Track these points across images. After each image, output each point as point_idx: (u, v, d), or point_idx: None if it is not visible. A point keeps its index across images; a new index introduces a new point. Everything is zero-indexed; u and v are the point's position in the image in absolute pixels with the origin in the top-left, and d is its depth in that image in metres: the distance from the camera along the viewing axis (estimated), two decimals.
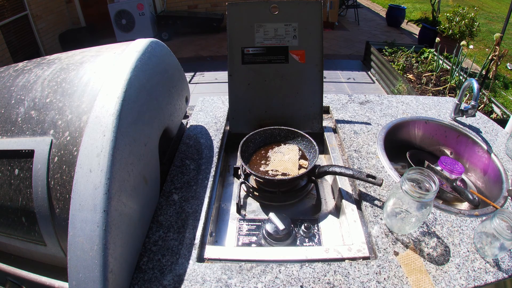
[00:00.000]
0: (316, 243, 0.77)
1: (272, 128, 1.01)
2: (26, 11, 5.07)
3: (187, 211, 0.77)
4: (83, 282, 0.53)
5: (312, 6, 0.97)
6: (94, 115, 0.60)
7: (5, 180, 0.65)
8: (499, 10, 7.98)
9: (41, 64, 0.77)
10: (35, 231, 0.64)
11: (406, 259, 0.66)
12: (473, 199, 0.85)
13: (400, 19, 6.75)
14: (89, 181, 0.55)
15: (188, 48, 5.63)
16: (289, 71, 1.02)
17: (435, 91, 3.35)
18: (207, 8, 6.43)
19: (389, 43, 4.61)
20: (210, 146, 0.99)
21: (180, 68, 0.95)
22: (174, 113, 0.91)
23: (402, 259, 0.66)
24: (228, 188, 0.96)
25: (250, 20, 0.98)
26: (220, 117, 1.14)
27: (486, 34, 6.11)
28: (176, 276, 0.63)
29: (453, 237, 0.71)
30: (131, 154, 0.63)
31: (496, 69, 3.15)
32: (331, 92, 3.18)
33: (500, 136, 1.07)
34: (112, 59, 0.72)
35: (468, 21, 4.37)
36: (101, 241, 0.53)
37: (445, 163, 0.92)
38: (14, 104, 0.70)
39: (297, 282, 0.62)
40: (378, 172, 0.89)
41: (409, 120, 1.12)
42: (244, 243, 0.78)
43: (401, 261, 0.65)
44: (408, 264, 0.65)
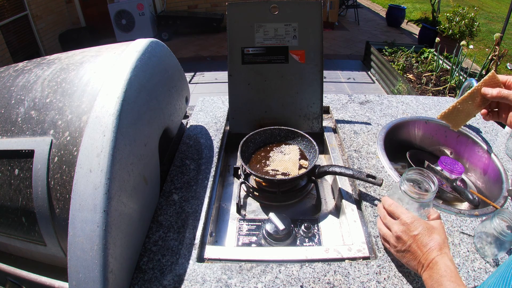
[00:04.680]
0: (316, 243, 0.77)
1: (272, 128, 1.01)
2: (26, 11, 5.07)
3: (187, 211, 0.77)
4: (83, 282, 0.53)
5: (312, 6, 0.97)
6: (94, 115, 0.60)
7: (5, 180, 0.65)
8: (499, 10, 7.98)
9: (41, 64, 0.77)
10: (35, 231, 0.64)
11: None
12: (473, 199, 0.85)
13: (400, 19, 6.76)
14: (89, 181, 0.55)
15: (188, 48, 5.63)
16: (289, 71, 1.02)
17: (435, 91, 3.36)
18: (207, 8, 6.43)
19: (389, 43, 4.61)
20: (210, 146, 0.99)
21: (180, 68, 0.95)
22: (174, 113, 0.91)
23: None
24: (228, 188, 0.96)
25: (250, 20, 0.98)
26: (220, 117, 1.14)
27: (486, 34, 6.12)
28: (176, 276, 0.63)
29: (453, 237, 0.71)
30: (131, 154, 0.63)
31: (496, 69, 3.15)
32: (331, 92, 3.18)
33: (500, 136, 1.07)
34: (112, 59, 0.72)
35: (468, 21, 4.38)
36: (101, 241, 0.53)
37: (445, 163, 0.92)
38: (14, 104, 0.70)
39: (297, 282, 0.62)
40: (378, 172, 0.89)
41: (409, 120, 1.12)
42: (244, 243, 0.78)
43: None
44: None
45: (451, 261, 0.53)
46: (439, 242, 0.56)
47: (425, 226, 0.58)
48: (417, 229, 0.57)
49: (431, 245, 0.55)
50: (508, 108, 0.68)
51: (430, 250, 0.55)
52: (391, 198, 0.65)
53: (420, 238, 0.57)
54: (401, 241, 0.59)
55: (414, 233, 0.57)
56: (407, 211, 0.61)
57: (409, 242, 0.57)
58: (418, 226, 0.57)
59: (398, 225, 0.60)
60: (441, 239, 0.56)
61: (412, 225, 0.58)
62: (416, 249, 0.57)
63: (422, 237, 0.57)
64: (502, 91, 0.65)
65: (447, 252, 0.55)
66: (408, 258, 0.58)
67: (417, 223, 0.58)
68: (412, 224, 0.58)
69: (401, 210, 0.61)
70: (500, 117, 0.70)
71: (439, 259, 0.54)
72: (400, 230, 0.59)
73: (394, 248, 0.61)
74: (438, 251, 0.55)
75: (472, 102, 0.70)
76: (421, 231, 0.57)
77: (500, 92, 0.65)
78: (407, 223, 0.58)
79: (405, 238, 0.58)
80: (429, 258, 0.55)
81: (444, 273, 0.52)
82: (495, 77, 0.67)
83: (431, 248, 0.55)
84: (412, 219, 0.58)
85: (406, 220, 0.59)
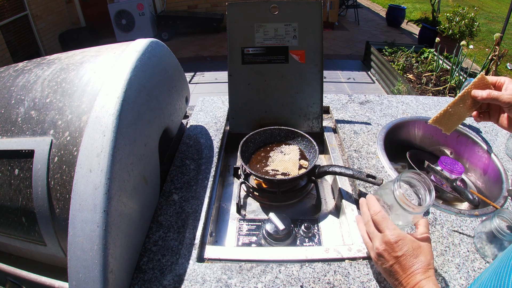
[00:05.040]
0: (316, 243, 0.77)
1: (272, 128, 1.01)
2: (26, 11, 5.07)
3: (187, 211, 0.77)
4: (83, 282, 0.53)
5: (312, 6, 0.97)
6: (94, 115, 0.60)
7: (5, 180, 0.65)
8: (499, 10, 7.98)
9: (41, 64, 0.77)
10: (35, 231, 0.64)
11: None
12: (473, 199, 0.85)
13: (400, 19, 6.76)
14: (89, 181, 0.55)
15: (188, 48, 5.63)
16: (289, 71, 1.02)
17: (435, 91, 3.36)
18: (207, 8, 6.43)
19: (389, 43, 4.61)
20: (210, 146, 0.99)
21: (180, 68, 0.95)
22: (174, 113, 0.91)
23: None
24: (228, 188, 0.96)
25: (250, 20, 0.98)
26: (220, 117, 1.14)
27: (486, 34, 6.12)
28: (176, 276, 0.63)
29: (453, 237, 0.71)
30: (131, 154, 0.63)
31: (496, 69, 3.15)
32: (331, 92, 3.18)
33: (500, 136, 1.07)
34: (112, 59, 0.72)
35: (468, 21, 4.38)
36: (101, 241, 0.53)
37: (445, 163, 0.92)
38: (14, 104, 0.70)
39: (297, 282, 0.62)
40: (378, 172, 0.89)
41: (409, 120, 1.12)
42: (244, 243, 0.78)
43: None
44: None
45: (436, 286, 0.50)
46: (424, 265, 0.52)
47: (410, 246, 0.53)
48: (402, 250, 0.53)
49: (416, 267, 0.52)
50: (499, 109, 0.68)
51: (414, 274, 0.51)
52: (379, 196, 0.61)
53: (404, 260, 0.53)
54: (382, 259, 0.55)
55: (398, 254, 0.53)
56: (394, 226, 0.56)
57: (391, 262, 0.54)
58: (403, 247, 0.53)
59: (381, 242, 0.55)
60: (426, 260, 0.53)
61: (396, 246, 0.53)
62: (398, 270, 0.53)
63: (406, 258, 0.53)
64: (492, 93, 0.65)
65: (431, 275, 0.52)
66: (388, 275, 0.55)
67: (402, 243, 0.53)
68: (396, 244, 0.53)
69: (387, 224, 0.56)
70: (492, 118, 0.70)
71: (423, 285, 0.50)
72: (383, 249, 0.55)
73: (373, 260, 0.58)
74: (422, 274, 0.51)
75: (463, 105, 0.70)
76: (406, 252, 0.53)
77: (490, 94, 0.65)
78: (391, 242, 0.54)
79: (387, 257, 0.54)
80: (412, 282, 0.51)
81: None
82: (484, 79, 0.67)
83: (414, 271, 0.52)
84: (397, 238, 0.54)
85: (390, 238, 0.54)
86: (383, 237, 0.55)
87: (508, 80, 0.66)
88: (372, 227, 0.58)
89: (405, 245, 0.53)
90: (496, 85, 0.67)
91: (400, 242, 0.53)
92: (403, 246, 0.53)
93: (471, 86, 0.68)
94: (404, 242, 0.54)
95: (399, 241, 0.54)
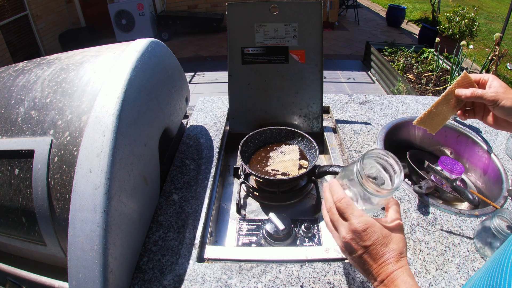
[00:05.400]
0: (316, 243, 0.77)
1: (272, 128, 1.01)
2: (26, 11, 5.07)
3: (187, 211, 0.77)
4: (83, 282, 0.53)
5: (312, 6, 0.97)
6: (94, 115, 0.60)
7: (5, 180, 0.65)
8: (499, 10, 7.98)
9: (41, 64, 0.77)
10: (35, 231, 0.64)
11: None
12: (473, 199, 0.85)
13: (400, 19, 6.76)
14: (89, 181, 0.55)
15: (188, 48, 5.63)
16: (289, 71, 1.02)
17: (435, 91, 3.36)
18: (207, 8, 6.43)
19: (389, 43, 4.61)
20: (210, 146, 0.99)
21: (180, 68, 0.95)
22: (174, 113, 0.91)
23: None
24: (228, 188, 0.96)
25: (250, 20, 0.98)
26: (220, 117, 1.14)
27: (486, 34, 6.12)
28: (176, 276, 0.63)
29: (453, 237, 0.71)
30: (131, 154, 0.63)
31: (496, 69, 3.15)
32: (331, 92, 3.18)
33: (500, 136, 1.07)
34: (112, 59, 0.72)
35: (468, 21, 4.38)
36: (101, 241, 0.53)
37: (445, 163, 0.92)
38: (14, 104, 0.70)
39: (297, 282, 0.62)
40: None
41: (409, 120, 1.12)
42: (244, 243, 0.78)
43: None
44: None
45: (410, 277, 0.46)
46: (395, 254, 0.48)
47: (380, 234, 0.49)
48: (371, 238, 0.48)
49: (386, 257, 0.48)
50: (484, 106, 0.67)
51: (385, 264, 0.47)
52: (342, 180, 0.56)
53: (373, 249, 0.48)
54: (350, 249, 0.50)
55: (367, 243, 0.48)
56: (360, 212, 0.50)
57: (360, 252, 0.49)
58: (371, 235, 0.48)
59: (347, 230, 0.50)
60: (398, 248, 0.48)
61: (364, 234, 0.48)
62: (368, 260, 0.49)
63: (376, 248, 0.48)
64: (475, 91, 0.64)
65: (404, 264, 0.48)
66: (358, 266, 0.51)
67: (371, 232, 0.49)
68: (364, 232, 0.48)
69: (352, 211, 0.51)
70: (477, 115, 0.69)
71: (397, 276, 0.46)
72: (350, 238, 0.50)
73: (341, 250, 0.53)
74: (394, 263, 0.47)
75: (447, 105, 0.69)
76: (375, 241, 0.48)
77: (473, 92, 0.64)
78: (359, 231, 0.49)
79: (356, 247, 0.49)
80: (384, 273, 0.47)
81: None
82: (467, 78, 0.67)
83: (385, 261, 0.47)
84: (364, 225, 0.49)
85: (357, 227, 0.49)
86: (350, 226, 0.50)
87: (492, 77, 0.65)
88: (336, 215, 0.53)
89: (374, 233, 0.49)
90: (480, 82, 0.66)
91: (368, 230, 0.49)
92: (372, 234, 0.48)
93: (454, 85, 0.67)
94: (373, 230, 0.49)
95: (367, 229, 0.49)
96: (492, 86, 0.64)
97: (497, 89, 0.63)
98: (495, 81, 0.64)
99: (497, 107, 0.63)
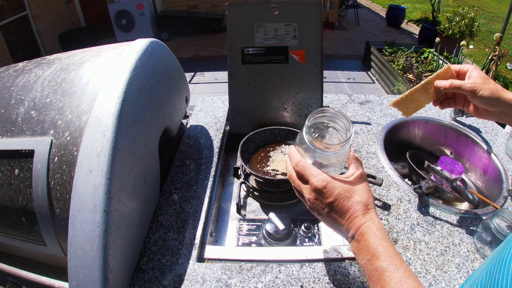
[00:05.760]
0: (316, 243, 0.77)
1: (272, 128, 1.01)
2: (26, 11, 5.07)
3: (187, 211, 0.77)
4: (83, 282, 0.53)
5: (312, 6, 0.97)
6: (94, 115, 0.60)
7: (5, 180, 0.65)
8: (499, 10, 7.98)
9: (41, 64, 0.77)
10: (35, 231, 0.64)
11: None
12: (473, 199, 0.85)
13: (400, 19, 6.76)
14: (89, 181, 0.55)
15: (188, 48, 5.63)
16: (289, 71, 1.02)
17: None
18: (207, 8, 6.43)
19: (389, 43, 4.61)
20: (210, 146, 0.99)
21: (180, 68, 0.95)
22: (174, 113, 0.91)
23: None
24: (228, 188, 0.96)
25: (250, 20, 0.98)
26: (220, 117, 1.14)
27: (486, 34, 6.12)
28: (176, 276, 0.63)
29: (453, 237, 0.71)
30: (131, 154, 0.63)
31: (496, 69, 3.15)
32: (331, 92, 3.18)
33: (500, 136, 1.07)
34: (112, 59, 0.72)
35: (468, 21, 4.38)
36: (101, 241, 0.53)
37: (445, 163, 0.92)
38: (14, 104, 0.70)
39: (297, 282, 0.62)
40: (378, 172, 0.89)
41: (409, 120, 1.12)
42: (244, 243, 0.78)
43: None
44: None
45: (380, 229, 0.46)
46: (361, 206, 0.47)
47: (341, 189, 0.48)
48: (332, 194, 0.48)
49: (352, 210, 0.47)
50: (464, 96, 0.67)
51: (352, 217, 0.47)
52: (298, 147, 0.55)
53: (337, 205, 0.48)
54: (316, 209, 0.50)
55: (329, 200, 0.48)
56: (317, 171, 0.50)
57: (326, 210, 0.49)
58: (333, 191, 0.48)
59: (309, 191, 0.50)
60: (362, 200, 0.48)
61: (326, 191, 0.48)
62: (335, 217, 0.48)
63: (339, 203, 0.48)
64: (454, 82, 0.64)
65: (373, 217, 0.47)
66: (330, 225, 0.51)
67: (331, 187, 0.48)
68: (325, 189, 0.48)
69: (310, 171, 0.50)
70: (458, 104, 0.70)
71: (365, 229, 0.46)
72: (313, 198, 0.49)
73: (312, 213, 0.53)
74: (362, 216, 0.47)
75: (425, 93, 0.69)
76: (337, 196, 0.48)
77: (452, 84, 0.64)
78: (319, 188, 0.48)
79: (321, 205, 0.49)
80: (353, 228, 0.47)
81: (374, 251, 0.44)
82: (450, 71, 0.67)
83: (352, 214, 0.47)
84: (323, 182, 0.48)
85: (317, 185, 0.48)
86: (310, 186, 0.50)
87: (472, 68, 0.65)
88: (297, 180, 0.52)
89: (334, 189, 0.48)
90: (460, 73, 0.67)
91: (328, 186, 0.48)
92: (333, 190, 0.48)
93: (434, 76, 0.68)
94: (333, 186, 0.48)
95: (326, 185, 0.48)
96: (471, 76, 0.64)
97: (475, 80, 0.63)
98: (475, 72, 0.64)
99: (475, 97, 0.63)
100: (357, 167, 0.53)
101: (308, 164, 0.51)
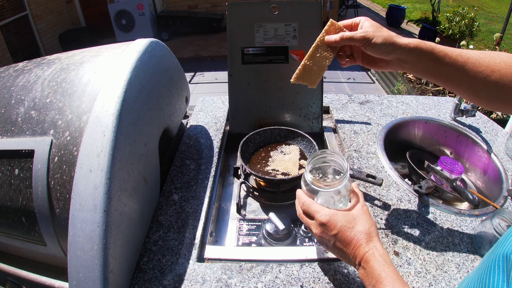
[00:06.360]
0: (316, 243, 0.77)
1: (272, 128, 1.01)
2: (26, 11, 5.08)
3: (187, 211, 0.77)
4: (83, 282, 0.53)
5: (312, 6, 0.97)
6: (94, 115, 0.60)
7: (5, 180, 0.65)
8: (499, 10, 7.99)
9: (41, 64, 0.77)
10: (35, 231, 0.64)
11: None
12: (473, 199, 0.85)
13: (400, 19, 6.76)
14: (89, 181, 0.55)
15: (188, 48, 5.63)
16: (289, 71, 1.02)
17: (435, 91, 3.36)
18: (207, 8, 6.44)
19: None
20: (210, 146, 0.99)
21: (180, 68, 0.95)
22: (174, 113, 0.91)
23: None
24: (228, 188, 0.96)
25: (250, 20, 0.98)
26: (220, 117, 1.14)
27: (486, 34, 6.12)
28: (176, 276, 0.63)
29: (453, 237, 0.71)
30: (131, 154, 0.63)
31: None
32: (331, 92, 3.19)
33: (500, 136, 1.07)
34: (112, 59, 0.72)
35: (468, 21, 4.38)
36: (101, 241, 0.53)
37: (445, 163, 0.92)
38: (14, 104, 0.70)
39: (297, 282, 0.62)
40: (378, 172, 0.89)
41: (409, 120, 1.12)
42: (244, 243, 0.78)
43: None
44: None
45: (382, 256, 0.49)
46: (364, 235, 0.51)
47: (343, 220, 0.52)
48: (336, 226, 0.52)
49: (356, 239, 0.51)
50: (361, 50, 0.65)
51: (357, 246, 0.51)
52: (304, 189, 0.60)
53: (342, 236, 0.52)
54: (324, 242, 0.55)
55: (334, 232, 0.52)
56: (321, 207, 0.55)
57: (332, 241, 0.53)
58: (336, 223, 0.52)
59: (316, 226, 0.55)
60: (365, 229, 0.51)
61: (330, 224, 0.52)
62: (341, 247, 0.52)
63: (343, 234, 0.52)
64: (344, 34, 0.62)
65: (376, 245, 0.50)
66: (339, 255, 0.54)
67: (334, 220, 0.52)
68: (328, 223, 0.52)
69: (314, 208, 0.55)
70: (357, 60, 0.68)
71: (369, 257, 0.49)
72: (319, 232, 0.54)
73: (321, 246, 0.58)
74: (366, 244, 0.50)
75: (319, 55, 0.67)
76: (341, 227, 0.52)
77: (343, 36, 0.62)
78: (323, 222, 0.53)
79: (327, 238, 0.53)
80: (358, 256, 0.50)
81: (378, 276, 0.47)
82: (334, 25, 0.65)
83: (356, 244, 0.51)
84: (327, 217, 0.53)
85: (321, 220, 0.53)
86: (316, 221, 0.54)
87: (363, 19, 0.64)
88: (305, 217, 0.57)
89: (338, 221, 0.52)
90: (352, 26, 0.65)
91: (331, 219, 0.52)
92: (336, 222, 0.52)
93: (323, 33, 0.66)
94: (336, 219, 0.52)
95: (329, 219, 0.53)
96: (363, 26, 0.63)
97: (367, 29, 0.61)
98: (366, 22, 0.63)
99: (369, 46, 0.61)
100: (357, 198, 0.58)
101: (313, 202, 0.57)
